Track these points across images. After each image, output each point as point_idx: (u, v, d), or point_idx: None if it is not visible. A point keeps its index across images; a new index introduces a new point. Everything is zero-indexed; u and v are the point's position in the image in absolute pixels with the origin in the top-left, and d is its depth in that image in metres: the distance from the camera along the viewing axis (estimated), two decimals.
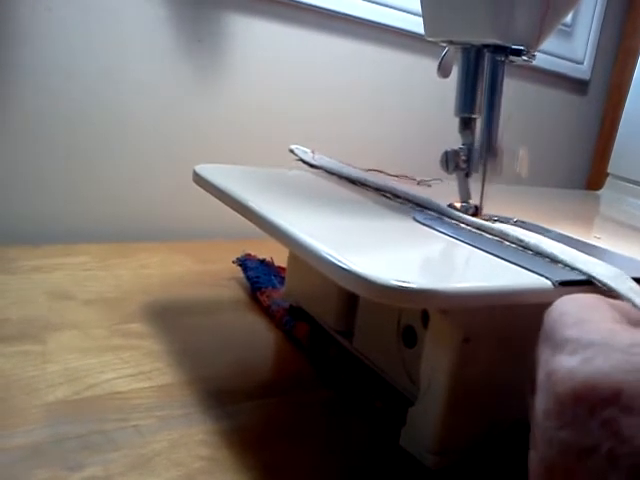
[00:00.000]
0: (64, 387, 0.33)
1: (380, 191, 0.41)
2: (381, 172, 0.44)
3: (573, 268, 0.27)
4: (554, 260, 0.28)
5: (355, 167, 0.45)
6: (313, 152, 0.47)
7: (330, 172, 0.45)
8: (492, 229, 0.32)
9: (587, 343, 0.18)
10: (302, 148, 0.47)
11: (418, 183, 0.43)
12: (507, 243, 0.31)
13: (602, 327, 0.19)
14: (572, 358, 0.18)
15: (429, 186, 0.43)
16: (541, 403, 0.19)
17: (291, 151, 0.47)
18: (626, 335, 0.18)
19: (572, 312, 0.20)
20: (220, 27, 0.65)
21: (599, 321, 0.20)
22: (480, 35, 0.32)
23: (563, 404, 0.18)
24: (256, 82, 0.69)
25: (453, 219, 0.35)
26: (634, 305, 0.23)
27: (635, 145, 0.67)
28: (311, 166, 0.46)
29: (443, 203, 0.37)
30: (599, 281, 0.26)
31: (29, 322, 0.40)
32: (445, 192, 0.38)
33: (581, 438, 0.17)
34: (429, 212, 0.36)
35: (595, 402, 0.17)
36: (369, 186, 0.41)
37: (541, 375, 0.20)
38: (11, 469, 0.26)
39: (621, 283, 0.25)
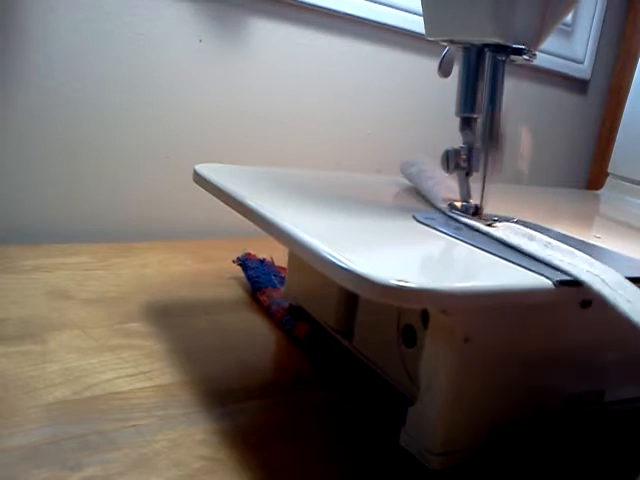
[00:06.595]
0: (64, 387, 0.33)
1: None
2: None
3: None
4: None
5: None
6: None
7: None
8: (479, 229, 0.32)
9: None
10: None
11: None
12: (509, 242, 0.31)
13: None
14: None
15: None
16: None
17: None
18: None
19: None
20: (221, 27, 0.65)
21: None
22: (481, 34, 0.32)
23: None
24: (256, 81, 0.69)
25: (453, 218, 0.35)
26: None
27: (635, 145, 0.67)
28: None
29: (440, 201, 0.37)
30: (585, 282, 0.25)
31: (29, 322, 0.40)
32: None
33: None
34: (429, 211, 0.36)
35: None
36: None
37: None
38: (11, 469, 0.26)
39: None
